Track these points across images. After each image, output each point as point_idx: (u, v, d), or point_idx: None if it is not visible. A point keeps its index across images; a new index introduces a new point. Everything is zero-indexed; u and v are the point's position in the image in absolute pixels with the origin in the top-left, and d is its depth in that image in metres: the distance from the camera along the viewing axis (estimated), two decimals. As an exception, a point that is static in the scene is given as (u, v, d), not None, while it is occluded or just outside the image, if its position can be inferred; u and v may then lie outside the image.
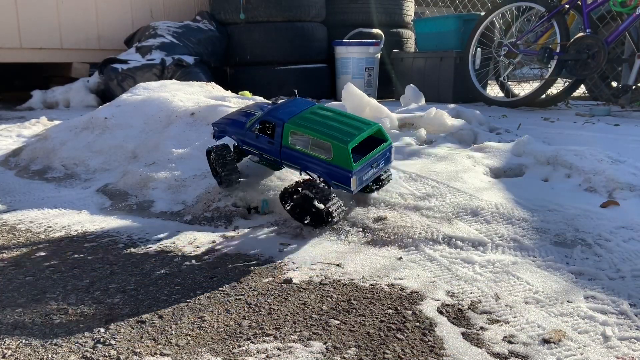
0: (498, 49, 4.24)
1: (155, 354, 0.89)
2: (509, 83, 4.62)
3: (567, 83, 4.12)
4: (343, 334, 0.95)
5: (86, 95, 4.61)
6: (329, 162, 1.42)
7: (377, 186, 1.63)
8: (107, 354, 0.89)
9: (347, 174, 1.38)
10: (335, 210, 1.42)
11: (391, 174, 1.67)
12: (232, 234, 1.49)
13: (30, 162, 2.37)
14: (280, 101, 1.80)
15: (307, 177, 1.47)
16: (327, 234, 1.46)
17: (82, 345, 0.92)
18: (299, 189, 1.41)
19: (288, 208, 1.48)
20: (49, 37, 4.92)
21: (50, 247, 1.41)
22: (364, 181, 1.45)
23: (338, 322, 0.99)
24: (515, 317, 1.00)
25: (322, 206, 1.40)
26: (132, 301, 1.09)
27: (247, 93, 3.54)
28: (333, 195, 1.43)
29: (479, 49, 4.28)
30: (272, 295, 1.11)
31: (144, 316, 1.02)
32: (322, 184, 1.42)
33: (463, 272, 1.20)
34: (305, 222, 1.47)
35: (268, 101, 1.98)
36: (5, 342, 0.93)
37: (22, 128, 3.14)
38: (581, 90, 4.79)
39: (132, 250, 1.38)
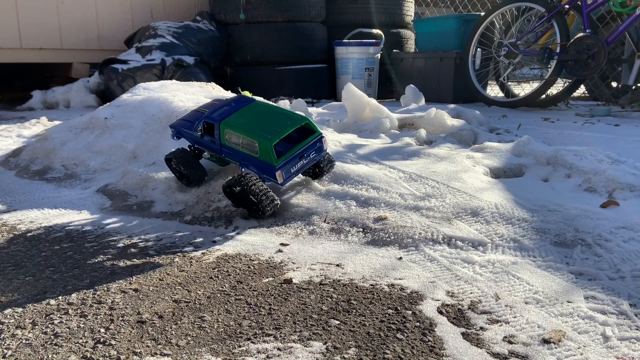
0: (498, 49, 4.24)
1: (156, 354, 0.89)
2: (509, 83, 4.62)
3: (567, 83, 4.12)
4: (343, 334, 0.95)
5: (86, 95, 4.61)
6: (257, 158, 1.54)
7: (319, 172, 1.73)
8: (107, 354, 0.89)
9: (272, 169, 1.51)
10: (268, 205, 1.53)
11: (334, 163, 1.77)
12: (232, 234, 1.49)
13: (30, 162, 2.37)
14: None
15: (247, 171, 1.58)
16: (327, 234, 1.46)
17: (82, 345, 0.92)
18: (237, 184, 1.52)
19: (232, 199, 1.59)
20: (49, 37, 4.93)
21: (50, 247, 1.41)
22: (293, 173, 1.57)
23: (338, 322, 1.00)
24: (515, 317, 1.00)
25: (255, 200, 1.51)
26: (133, 301, 1.09)
27: (247, 93, 3.54)
28: (265, 189, 1.53)
29: (479, 49, 4.28)
30: (272, 295, 1.11)
31: (144, 316, 1.02)
32: (257, 179, 1.53)
33: (463, 272, 1.20)
34: (246, 206, 1.58)
35: (225, 97, 2.08)
36: (5, 342, 0.93)
37: (22, 128, 3.14)
38: (581, 90, 4.80)
39: (133, 250, 1.39)
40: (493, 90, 4.76)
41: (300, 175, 1.73)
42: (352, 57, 4.94)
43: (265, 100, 2.86)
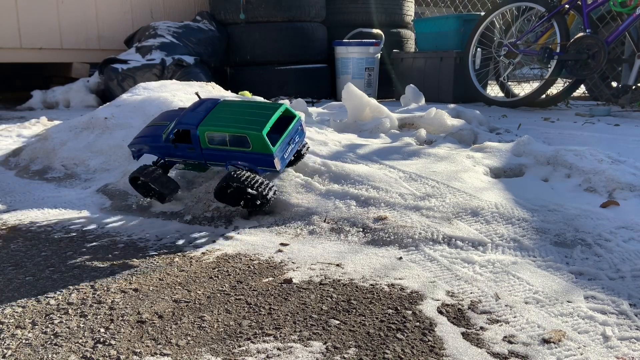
0: (498, 49, 4.24)
1: (155, 353, 0.89)
2: (509, 83, 4.62)
3: (567, 83, 4.12)
4: (343, 334, 0.95)
5: (86, 95, 4.61)
6: (250, 152, 1.52)
7: (297, 158, 1.76)
8: (107, 354, 0.89)
9: (270, 158, 1.50)
10: (269, 192, 1.52)
11: (308, 146, 1.80)
12: (232, 234, 1.49)
13: (30, 162, 2.37)
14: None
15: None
16: (327, 233, 1.46)
17: (82, 345, 0.92)
18: (230, 183, 1.49)
19: (227, 201, 1.57)
20: (49, 37, 4.93)
21: (50, 247, 1.41)
22: (286, 158, 1.58)
23: (338, 322, 1.00)
24: (515, 317, 1.00)
25: (255, 192, 1.49)
26: (133, 301, 1.09)
27: (247, 93, 3.54)
28: (260, 178, 1.52)
29: (479, 49, 4.28)
30: (272, 295, 1.11)
31: (144, 316, 1.02)
32: (249, 172, 1.51)
33: (463, 272, 1.20)
34: (243, 204, 1.57)
35: (175, 108, 2.03)
36: (5, 342, 0.93)
37: (22, 128, 3.14)
38: (581, 90, 4.80)
39: (132, 250, 1.39)
40: (493, 90, 4.76)
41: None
42: (352, 57, 4.94)
43: (261, 98, 2.87)
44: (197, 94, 1.80)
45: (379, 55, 5.05)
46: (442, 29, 4.78)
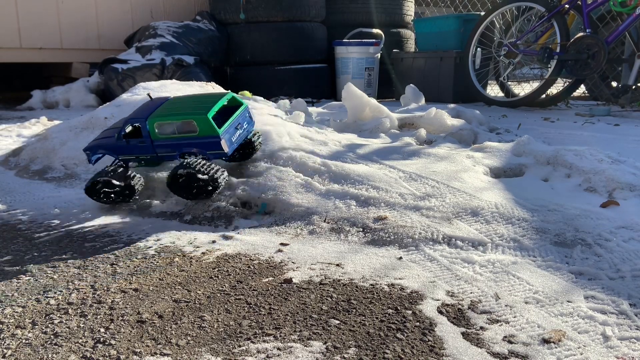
0: (498, 49, 4.24)
1: (155, 353, 0.89)
2: (509, 83, 4.62)
3: (567, 83, 4.12)
4: (343, 333, 0.95)
5: (86, 95, 4.61)
6: (198, 136, 1.58)
7: (252, 150, 1.82)
8: (107, 354, 0.89)
9: (217, 139, 1.55)
10: (220, 177, 1.58)
11: (260, 135, 1.85)
12: (232, 234, 1.49)
13: (30, 162, 2.37)
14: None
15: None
16: (327, 233, 1.46)
17: (82, 345, 0.92)
18: (181, 171, 1.56)
19: (179, 191, 1.63)
20: (49, 37, 4.92)
21: (51, 247, 1.41)
22: (234, 142, 1.64)
23: (338, 322, 1.00)
24: (515, 317, 1.00)
25: (206, 177, 1.55)
26: (133, 301, 1.09)
27: (247, 93, 3.54)
28: (211, 164, 1.58)
29: (479, 49, 4.28)
30: (272, 295, 1.11)
31: (144, 316, 1.02)
32: (200, 158, 1.58)
33: (463, 272, 1.20)
34: (195, 194, 1.62)
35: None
36: (5, 342, 0.93)
37: (22, 128, 3.14)
38: (581, 90, 4.80)
39: (132, 250, 1.39)
40: (493, 90, 4.76)
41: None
42: (352, 56, 4.94)
43: (261, 98, 2.87)
44: (148, 95, 1.88)
45: (379, 55, 5.05)
46: (442, 29, 4.78)
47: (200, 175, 1.53)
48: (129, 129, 1.71)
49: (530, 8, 4.13)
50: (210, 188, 1.58)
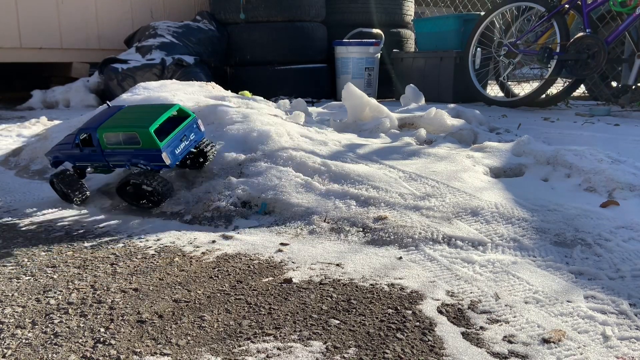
0: (498, 49, 4.24)
1: (155, 353, 0.89)
2: (509, 83, 4.62)
3: (567, 83, 4.12)
4: (343, 333, 0.95)
5: (86, 95, 4.61)
6: (142, 148, 1.62)
7: (204, 159, 1.83)
8: (107, 354, 0.89)
9: (158, 153, 1.60)
10: (162, 188, 1.64)
11: (216, 149, 1.88)
12: (232, 233, 1.49)
13: (30, 162, 2.37)
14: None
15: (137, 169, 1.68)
16: (327, 233, 1.46)
17: (82, 344, 0.92)
18: (129, 180, 1.64)
19: (128, 199, 1.70)
20: (49, 37, 4.92)
21: (51, 246, 1.41)
22: (179, 154, 1.67)
23: (338, 321, 1.00)
24: (515, 316, 1.00)
25: (150, 188, 1.63)
26: (133, 301, 1.09)
27: (247, 93, 3.54)
28: (158, 176, 1.64)
29: (479, 49, 4.28)
30: (272, 295, 1.11)
31: (144, 316, 1.02)
32: (149, 171, 1.64)
33: (463, 271, 1.20)
34: (142, 203, 1.70)
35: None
36: (5, 342, 0.93)
37: (22, 128, 3.14)
38: (581, 90, 4.80)
39: (133, 250, 1.39)
40: (493, 90, 4.76)
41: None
42: (352, 56, 4.94)
43: (261, 98, 2.87)
44: (107, 103, 1.93)
45: (379, 55, 5.05)
46: (442, 29, 4.78)
47: (144, 187, 1.62)
48: (82, 136, 1.74)
49: (530, 8, 4.13)
50: (156, 199, 1.66)
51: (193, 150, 1.79)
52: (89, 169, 1.81)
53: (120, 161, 1.69)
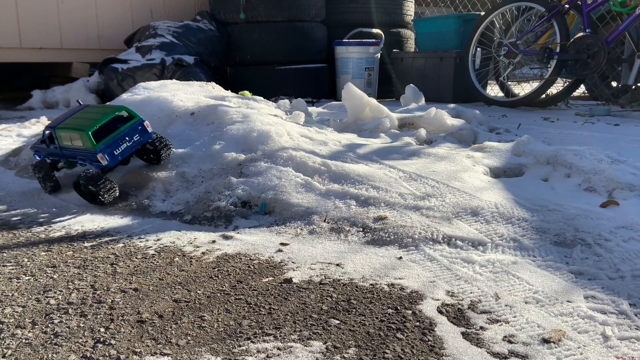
0: (498, 49, 4.24)
1: (155, 353, 0.89)
2: (509, 83, 4.62)
3: (567, 83, 4.12)
4: (343, 333, 0.95)
5: (86, 95, 4.61)
6: (84, 149, 1.75)
7: (157, 158, 1.94)
8: (107, 354, 0.89)
9: (94, 154, 1.72)
10: (106, 192, 1.72)
11: (171, 151, 1.96)
12: (232, 233, 1.49)
13: (30, 162, 2.37)
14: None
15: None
16: (327, 233, 1.46)
17: (82, 344, 0.92)
18: (79, 180, 1.73)
19: (82, 196, 1.79)
20: (49, 37, 4.92)
21: (50, 246, 1.41)
22: (118, 155, 1.77)
23: (338, 321, 1.00)
24: (515, 316, 1.01)
25: (93, 189, 1.70)
26: (133, 301, 1.09)
27: (247, 93, 3.54)
28: (104, 179, 1.72)
29: (479, 49, 4.28)
30: (272, 295, 1.11)
31: (144, 316, 1.02)
32: (93, 171, 1.73)
33: (463, 271, 1.20)
34: (93, 200, 1.77)
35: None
36: (5, 342, 0.93)
37: (22, 128, 3.14)
38: (581, 90, 4.80)
39: (132, 250, 1.39)
40: (493, 90, 4.76)
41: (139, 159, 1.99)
42: (352, 56, 4.94)
43: (261, 98, 2.87)
44: (77, 101, 2.06)
45: (379, 55, 5.05)
46: (442, 29, 4.78)
47: (90, 187, 1.70)
48: (47, 133, 1.87)
49: (530, 8, 4.13)
50: (103, 199, 1.73)
51: (150, 147, 1.91)
52: (60, 163, 1.94)
53: (73, 158, 1.84)
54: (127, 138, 1.79)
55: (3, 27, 4.67)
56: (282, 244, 1.40)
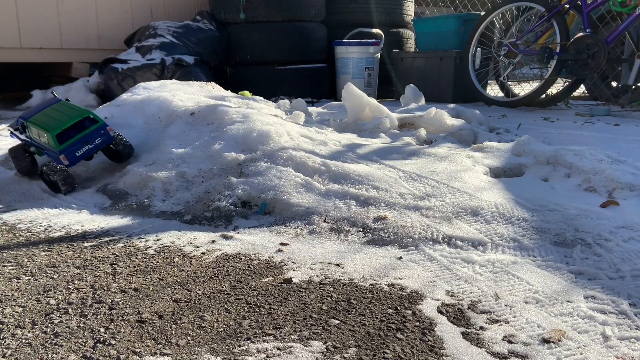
0: (498, 49, 4.24)
1: (155, 353, 0.89)
2: (509, 83, 4.62)
3: (567, 83, 4.12)
4: (343, 333, 0.95)
5: (86, 95, 4.61)
6: (49, 147, 1.92)
7: (117, 158, 2.10)
8: (107, 354, 0.89)
9: (57, 154, 1.89)
10: (62, 180, 1.88)
11: (131, 148, 2.11)
12: (232, 233, 1.49)
13: (30, 162, 2.37)
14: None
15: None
16: (327, 233, 1.46)
17: (82, 344, 0.92)
18: (42, 169, 1.91)
19: (46, 184, 1.96)
20: (49, 37, 4.92)
21: (50, 246, 1.41)
22: (80, 156, 1.94)
23: (338, 321, 1.00)
24: (515, 316, 1.01)
25: (53, 179, 1.89)
26: (133, 301, 1.09)
27: (247, 93, 3.54)
28: (61, 169, 1.88)
29: (479, 49, 4.28)
30: (272, 295, 1.11)
31: (144, 316, 1.02)
32: (54, 163, 1.89)
33: (463, 271, 1.20)
34: (56, 188, 1.93)
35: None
36: (5, 342, 0.93)
37: (22, 128, 3.13)
38: (581, 90, 4.80)
39: (133, 250, 1.39)
40: (493, 90, 4.76)
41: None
42: (352, 56, 4.94)
43: (261, 98, 2.87)
44: (52, 92, 2.27)
45: (378, 55, 5.05)
46: (442, 29, 4.78)
47: (51, 177, 1.88)
48: (21, 122, 2.04)
49: (530, 8, 4.13)
50: (58, 189, 1.91)
51: (112, 148, 2.07)
52: (32, 149, 2.11)
53: (40, 150, 2.02)
54: (89, 140, 1.96)
55: (3, 27, 4.67)
56: (282, 244, 1.40)
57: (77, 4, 5.02)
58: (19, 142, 2.18)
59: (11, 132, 2.17)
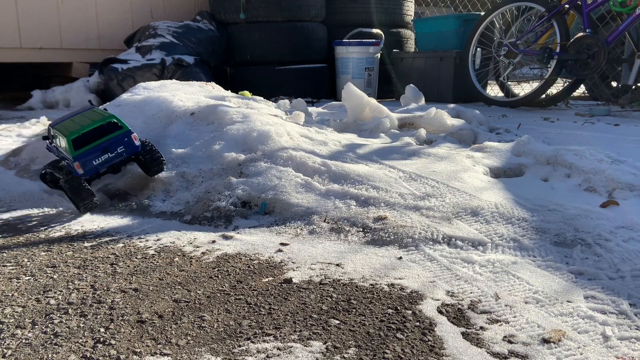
0: (498, 49, 4.24)
1: (155, 353, 0.89)
2: (509, 83, 4.62)
3: (567, 83, 4.12)
4: (343, 333, 0.95)
5: (86, 95, 4.60)
6: (66, 153, 1.72)
7: (147, 169, 1.87)
8: (107, 354, 0.89)
9: (71, 161, 1.69)
10: (64, 182, 1.73)
11: (162, 166, 1.86)
12: (232, 233, 1.49)
13: (30, 162, 2.37)
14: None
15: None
16: (327, 233, 1.46)
17: (82, 344, 0.92)
18: (46, 169, 1.85)
19: (48, 184, 1.90)
20: (49, 37, 4.92)
21: (50, 246, 1.41)
22: (97, 165, 1.72)
23: (338, 321, 1.00)
24: (515, 316, 1.00)
25: (60, 177, 1.76)
26: (133, 301, 1.09)
27: (247, 93, 3.54)
28: (66, 172, 1.74)
29: (479, 49, 4.28)
30: (272, 295, 1.11)
31: (144, 316, 1.02)
32: (65, 166, 1.79)
33: (463, 271, 1.20)
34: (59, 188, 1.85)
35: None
36: (5, 342, 0.93)
37: (22, 128, 3.14)
38: (581, 90, 4.80)
39: (132, 250, 1.39)
40: (493, 90, 4.76)
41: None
42: (352, 56, 4.94)
43: (261, 98, 2.87)
44: (89, 101, 2.16)
45: (378, 55, 5.05)
46: (442, 29, 4.78)
47: (56, 175, 1.79)
48: (49, 129, 1.90)
49: (530, 8, 4.13)
50: (80, 207, 1.72)
51: (141, 159, 1.84)
52: (62, 163, 1.98)
53: (62, 158, 1.83)
54: (110, 148, 1.73)
55: (3, 27, 4.67)
56: (282, 244, 1.40)
57: (77, 4, 5.02)
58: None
59: (47, 146, 1.98)
